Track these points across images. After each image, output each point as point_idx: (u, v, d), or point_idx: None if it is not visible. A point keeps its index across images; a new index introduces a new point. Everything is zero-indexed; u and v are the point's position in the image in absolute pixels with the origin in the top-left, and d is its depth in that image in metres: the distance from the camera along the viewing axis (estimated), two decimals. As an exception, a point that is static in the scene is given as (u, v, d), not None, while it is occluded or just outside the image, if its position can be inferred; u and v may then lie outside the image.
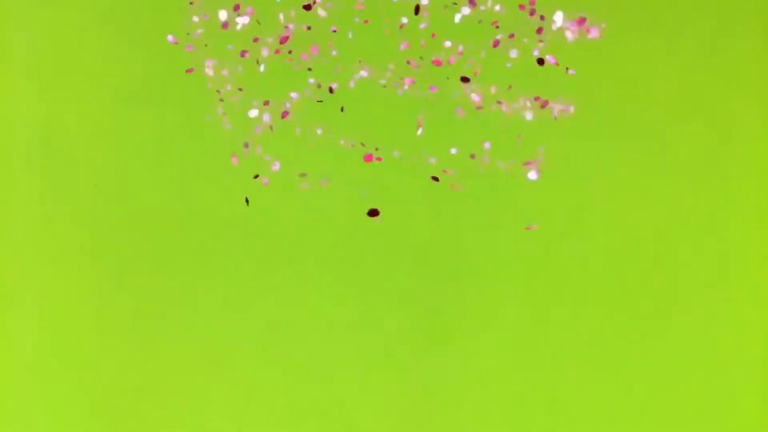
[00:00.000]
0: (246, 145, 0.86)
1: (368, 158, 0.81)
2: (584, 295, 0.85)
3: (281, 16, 0.86)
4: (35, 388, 0.86)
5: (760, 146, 0.85)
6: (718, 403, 0.85)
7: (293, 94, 0.86)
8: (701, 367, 0.85)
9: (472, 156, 0.85)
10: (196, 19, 0.86)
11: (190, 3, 0.86)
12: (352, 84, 0.85)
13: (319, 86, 0.85)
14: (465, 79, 0.85)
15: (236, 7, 0.87)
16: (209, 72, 0.86)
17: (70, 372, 0.86)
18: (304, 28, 0.85)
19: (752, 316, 0.85)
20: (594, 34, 0.83)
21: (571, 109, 0.85)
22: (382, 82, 0.85)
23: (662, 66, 0.86)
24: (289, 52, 0.85)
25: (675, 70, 0.86)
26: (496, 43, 0.85)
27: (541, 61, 0.85)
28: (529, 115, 0.85)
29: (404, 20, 0.85)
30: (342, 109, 0.85)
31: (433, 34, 0.85)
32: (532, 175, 0.85)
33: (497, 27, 0.85)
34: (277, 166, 0.86)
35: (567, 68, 0.85)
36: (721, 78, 0.86)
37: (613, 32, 0.86)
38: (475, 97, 0.85)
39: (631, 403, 0.85)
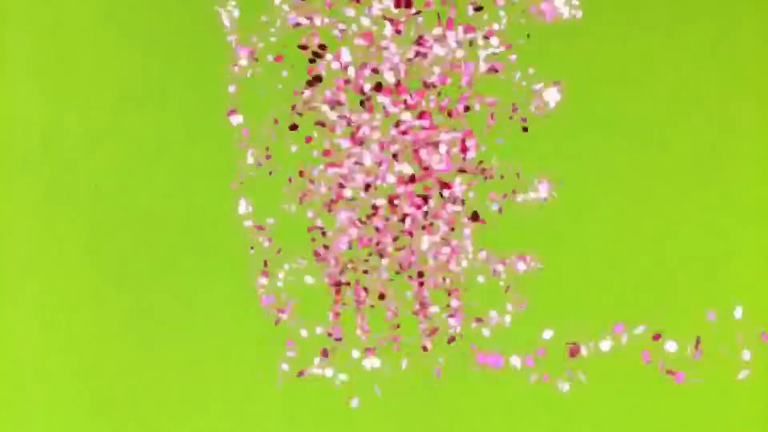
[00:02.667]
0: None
1: None
2: (587, 293, 0.85)
3: None
4: (35, 388, 0.86)
5: (760, 144, 0.85)
6: (721, 401, 0.85)
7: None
8: (702, 368, 0.85)
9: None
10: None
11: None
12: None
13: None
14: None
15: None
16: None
17: (70, 372, 0.86)
18: None
19: (753, 312, 0.85)
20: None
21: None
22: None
23: (663, 64, 0.86)
24: None
25: (676, 68, 0.86)
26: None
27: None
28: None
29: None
30: None
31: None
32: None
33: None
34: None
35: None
36: (721, 76, 0.86)
37: (614, 31, 0.86)
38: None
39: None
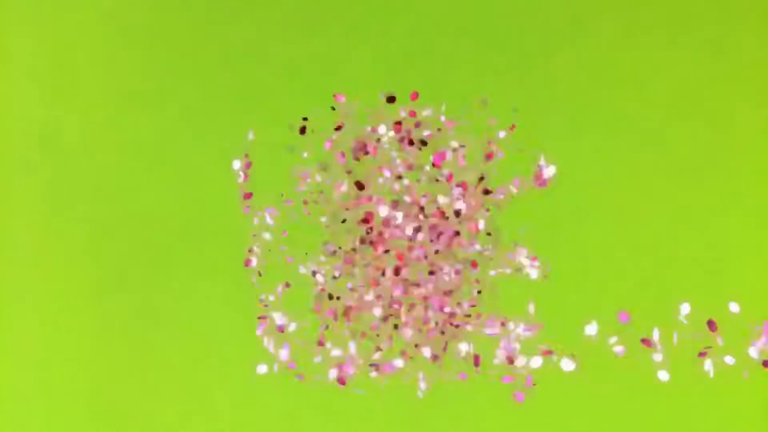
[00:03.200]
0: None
1: None
2: (586, 293, 0.85)
3: None
4: (35, 388, 0.86)
5: (760, 145, 0.86)
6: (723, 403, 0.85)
7: None
8: (703, 379, 0.85)
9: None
10: None
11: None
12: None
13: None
14: None
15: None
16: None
17: (70, 372, 0.86)
18: None
19: (752, 314, 0.85)
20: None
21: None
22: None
23: (663, 66, 0.86)
24: None
25: (676, 70, 0.86)
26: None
27: None
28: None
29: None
30: None
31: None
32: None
33: None
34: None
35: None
36: (721, 77, 0.86)
37: (615, 32, 0.86)
38: None
39: None
